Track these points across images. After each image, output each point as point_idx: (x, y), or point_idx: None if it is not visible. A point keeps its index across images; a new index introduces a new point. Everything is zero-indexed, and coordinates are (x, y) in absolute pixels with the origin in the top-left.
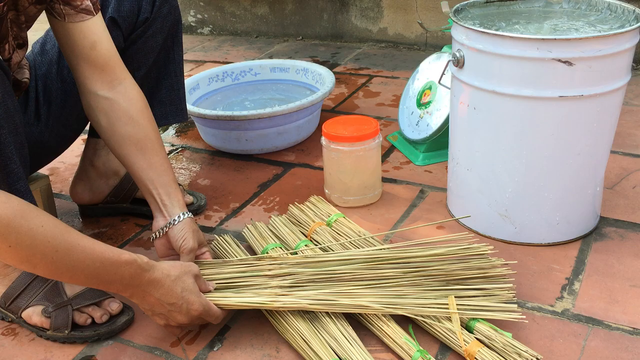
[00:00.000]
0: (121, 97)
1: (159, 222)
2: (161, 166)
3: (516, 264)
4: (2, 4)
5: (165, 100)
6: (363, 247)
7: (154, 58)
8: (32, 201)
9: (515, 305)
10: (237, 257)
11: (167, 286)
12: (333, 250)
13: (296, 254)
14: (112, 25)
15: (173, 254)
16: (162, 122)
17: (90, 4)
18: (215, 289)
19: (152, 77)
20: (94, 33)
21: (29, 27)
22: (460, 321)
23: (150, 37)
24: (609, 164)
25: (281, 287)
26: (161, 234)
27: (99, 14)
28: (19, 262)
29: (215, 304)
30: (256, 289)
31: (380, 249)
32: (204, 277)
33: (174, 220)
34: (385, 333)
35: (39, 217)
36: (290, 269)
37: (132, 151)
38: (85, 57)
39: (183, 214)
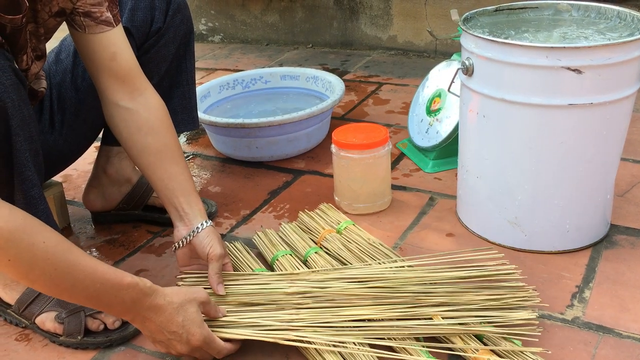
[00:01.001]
0: (142, 108)
1: (180, 232)
2: (181, 175)
3: (526, 272)
4: (20, 15)
5: (177, 108)
6: (378, 259)
7: (166, 67)
8: (46, 207)
9: (538, 330)
10: (247, 263)
11: (168, 313)
12: (345, 261)
13: (307, 262)
14: (125, 34)
15: (195, 262)
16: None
17: (110, 16)
18: (231, 305)
19: (164, 86)
20: (114, 44)
21: (47, 39)
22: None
23: (163, 46)
24: (619, 172)
25: (297, 305)
26: (184, 243)
27: (120, 25)
28: (18, 276)
29: (220, 336)
30: (273, 308)
31: (406, 268)
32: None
33: (197, 228)
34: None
35: (41, 233)
36: (308, 286)
37: (152, 161)
38: (105, 68)
39: (205, 222)
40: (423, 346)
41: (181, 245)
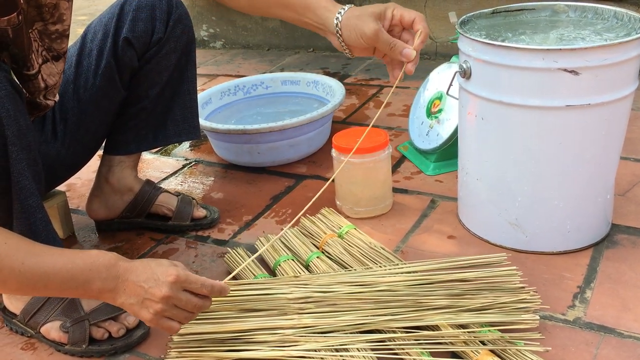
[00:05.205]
0: None
1: (334, 42)
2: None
3: (527, 273)
4: (15, 13)
5: (179, 118)
6: (380, 263)
7: (168, 77)
8: (44, 217)
9: (539, 334)
10: (250, 269)
11: (141, 267)
12: (347, 265)
13: (309, 267)
14: (127, 45)
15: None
16: (176, 139)
17: None
18: (233, 312)
19: (165, 95)
20: None
21: (65, 34)
22: (469, 328)
23: (164, 56)
24: (620, 171)
25: (299, 311)
26: (344, 48)
27: None
28: None
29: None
30: (275, 314)
31: (407, 272)
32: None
33: (337, 32)
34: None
35: (0, 236)
36: (310, 291)
37: (274, 7)
38: None
39: (336, 17)
40: (424, 348)
41: (346, 52)
